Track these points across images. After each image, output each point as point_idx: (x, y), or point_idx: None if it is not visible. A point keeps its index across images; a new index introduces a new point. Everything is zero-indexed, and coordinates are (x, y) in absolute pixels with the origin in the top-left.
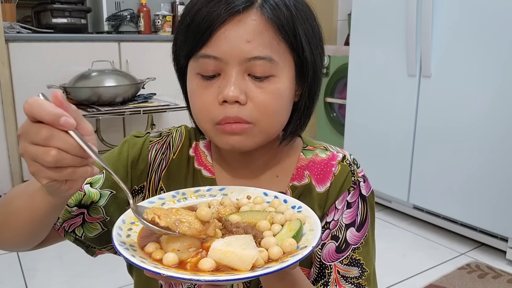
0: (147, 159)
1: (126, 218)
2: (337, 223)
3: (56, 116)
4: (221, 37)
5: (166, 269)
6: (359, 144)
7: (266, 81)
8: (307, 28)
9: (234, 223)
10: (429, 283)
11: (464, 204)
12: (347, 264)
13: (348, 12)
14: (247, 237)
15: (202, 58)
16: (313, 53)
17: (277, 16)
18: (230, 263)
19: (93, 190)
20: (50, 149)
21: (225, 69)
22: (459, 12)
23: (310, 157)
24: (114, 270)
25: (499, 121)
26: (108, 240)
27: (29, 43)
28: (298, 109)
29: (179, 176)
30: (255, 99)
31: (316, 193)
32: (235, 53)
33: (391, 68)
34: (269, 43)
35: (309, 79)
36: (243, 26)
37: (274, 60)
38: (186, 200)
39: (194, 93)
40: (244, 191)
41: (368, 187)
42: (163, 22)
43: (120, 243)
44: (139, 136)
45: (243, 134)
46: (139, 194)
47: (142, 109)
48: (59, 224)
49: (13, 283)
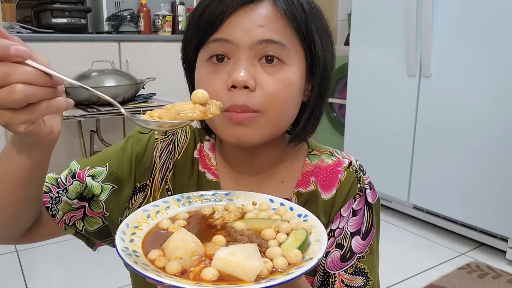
0: (152, 156)
1: (130, 222)
2: (342, 231)
3: (5, 47)
4: (231, 22)
5: (168, 277)
6: (359, 144)
7: (277, 68)
8: (319, 25)
9: (239, 230)
10: (429, 283)
11: (464, 204)
12: (351, 273)
13: (348, 12)
14: (251, 246)
15: (213, 42)
16: (324, 50)
17: (290, 8)
18: (234, 273)
19: (95, 183)
20: (14, 85)
21: (236, 54)
22: (459, 12)
23: (315, 163)
24: (114, 270)
25: (499, 121)
26: (108, 234)
27: (29, 43)
28: (307, 108)
29: (183, 177)
30: (264, 86)
31: (321, 200)
32: (246, 37)
33: (391, 68)
34: (282, 30)
35: (319, 76)
36: (255, 13)
37: (286, 47)
38: (191, 204)
39: (202, 80)
40: (250, 197)
41: (374, 194)
42: (163, 22)
43: (123, 248)
44: (143, 133)
45: (249, 125)
46: (141, 192)
47: (142, 109)
48: (60, 217)
49: (13, 283)
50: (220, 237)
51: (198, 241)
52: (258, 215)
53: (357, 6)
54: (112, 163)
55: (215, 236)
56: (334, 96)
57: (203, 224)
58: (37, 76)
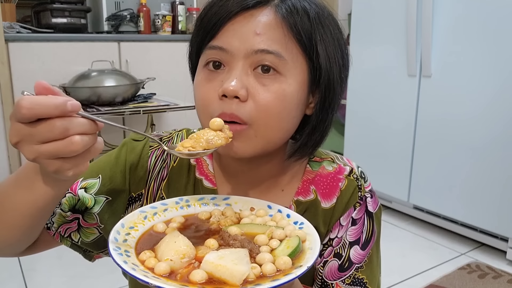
0: (147, 165)
1: (126, 222)
2: (341, 240)
3: (62, 105)
4: (229, 29)
5: (155, 278)
6: (359, 144)
7: (272, 79)
8: (327, 35)
9: (232, 235)
10: (429, 283)
11: (464, 204)
12: (349, 283)
13: (348, 12)
14: (242, 251)
15: (209, 49)
16: (331, 61)
17: (292, 16)
18: (222, 277)
19: (87, 196)
20: (72, 138)
21: (231, 62)
22: (459, 12)
23: (316, 170)
24: (114, 271)
25: (500, 120)
26: (105, 244)
27: (29, 43)
28: (309, 122)
29: (179, 184)
30: (256, 97)
31: (321, 209)
32: (242, 45)
33: (391, 68)
34: (280, 39)
35: (323, 88)
36: (254, 20)
37: (283, 57)
38: (189, 207)
39: (197, 86)
40: (248, 202)
41: (375, 203)
42: (163, 22)
43: (115, 247)
44: (138, 140)
45: (237, 138)
46: (137, 202)
47: (142, 109)
48: (55, 229)
49: (13, 283)
50: (212, 240)
51: (190, 243)
52: (254, 221)
53: (357, 6)
54: (105, 174)
55: (208, 240)
56: None
57: (199, 227)
58: (90, 126)
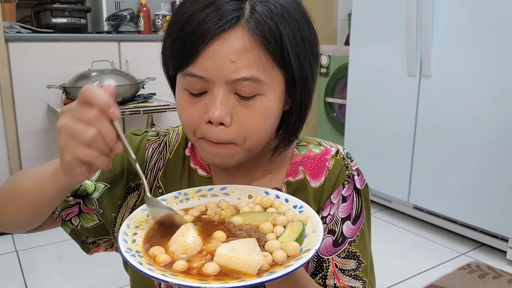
0: (144, 157)
1: (131, 222)
2: (333, 217)
3: (108, 104)
4: (206, 56)
5: (173, 276)
6: (359, 144)
7: (252, 101)
8: (296, 40)
9: (237, 225)
10: (429, 283)
11: (464, 204)
12: (344, 257)
13: (348, 12)
14: (251, 241)
15: (189, 76)
16: (302, 67)
17: (263, 32)
18: (236, 268)
19: (88, 182)
20: (91, 128)
21: (212, 88)
22: (459, 12)
23: (304, 153)
24: (114, 270)
25: (499, 121)
26: (104, 231)
27: (29, 43)
28: (288, 118)
29: (175, 174)
30: (240, 120)
31: (311, 188)
32: (221, 73)
33: (391, 68)
34: (255, 62)
35: (299, 89)
36: (228, 45)
37: (260, 80)
38: (189, 201)
39: (182, 108)
40: (246, 190)
41: (362, 180)
42: (163, 22)
43: (126, 249)
44: (137, 134)
45: (223, 154)
46: (135, 191)
47: (142, 109)
48: (57, 213)
49: (13, 283)
50: (220, 232)
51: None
52: (253, 209)
53: (357, 6)
54: None
55: (216, 232)
56: (334, 96)
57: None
58: (110, 134)
